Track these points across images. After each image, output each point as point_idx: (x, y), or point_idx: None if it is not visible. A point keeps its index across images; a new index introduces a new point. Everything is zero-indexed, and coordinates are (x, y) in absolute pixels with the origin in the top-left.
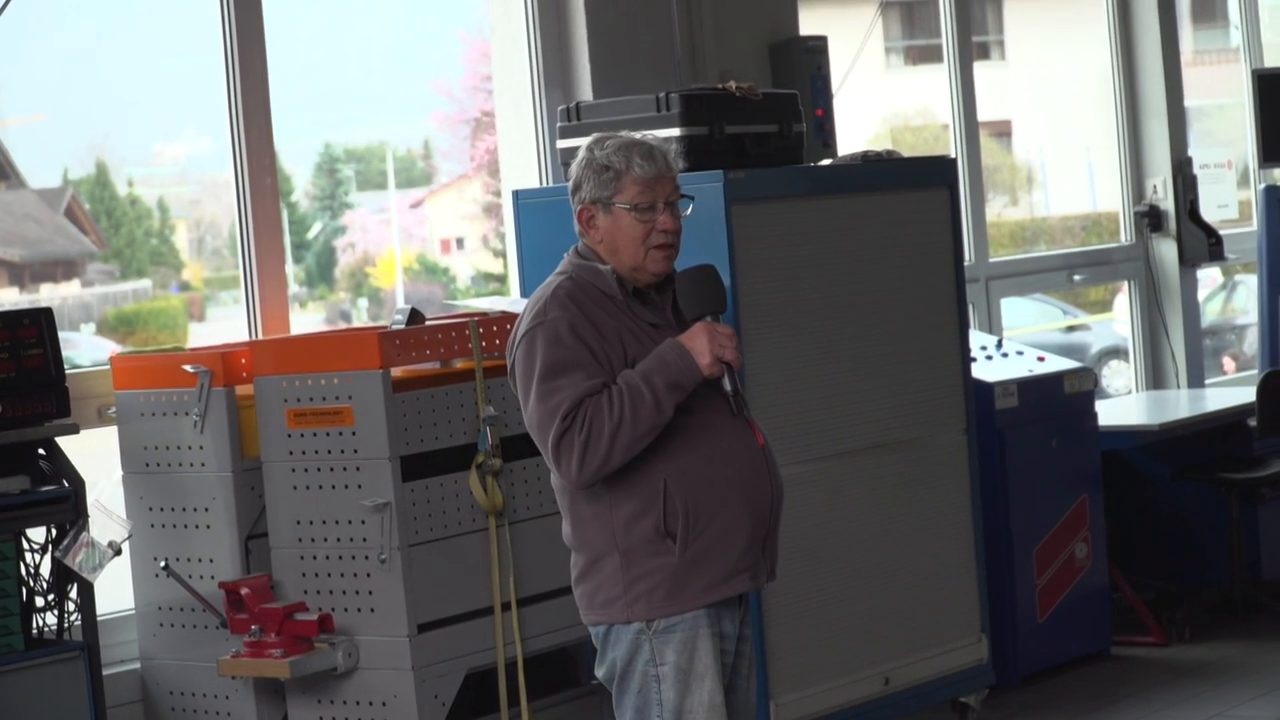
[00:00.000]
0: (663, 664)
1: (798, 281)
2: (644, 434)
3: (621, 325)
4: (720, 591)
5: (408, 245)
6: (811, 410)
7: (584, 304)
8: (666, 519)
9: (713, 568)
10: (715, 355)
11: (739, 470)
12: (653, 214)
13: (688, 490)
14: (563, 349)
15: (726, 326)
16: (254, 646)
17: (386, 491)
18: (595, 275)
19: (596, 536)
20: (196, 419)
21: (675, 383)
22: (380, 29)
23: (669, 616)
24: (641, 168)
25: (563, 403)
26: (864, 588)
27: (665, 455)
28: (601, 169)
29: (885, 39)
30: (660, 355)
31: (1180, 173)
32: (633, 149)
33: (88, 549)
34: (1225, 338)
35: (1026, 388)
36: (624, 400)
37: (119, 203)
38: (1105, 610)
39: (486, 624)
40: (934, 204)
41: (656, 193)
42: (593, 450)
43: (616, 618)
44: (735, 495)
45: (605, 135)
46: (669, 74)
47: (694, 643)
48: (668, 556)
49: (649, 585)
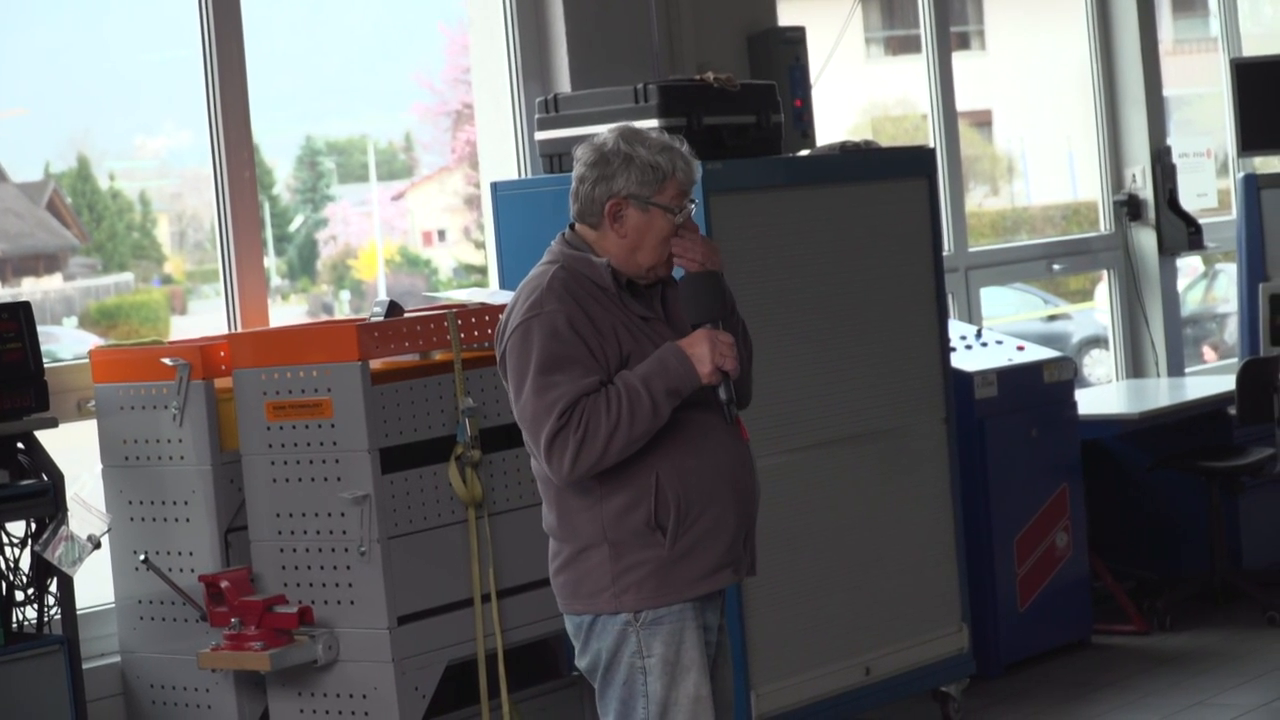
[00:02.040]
0: (649, 656)
1: (776, 272)
2: (639, 436)
3: (615, 319)
4: (707, 584)
5: (389, 237)
6: (790, 401)
7: (579, 296)
8: (658, 512)
9: (701, 561)
10: (716, 364)
11: (728, 465)
12: (679, 217)
13: (679, 484)
14: (560, 343)
15: (728, 335)
16: (234, 639)
17: (366, 484)
18: (588, 266)
19: (586, 527)
20: (175, 412)
21: (674, 388)
22: (360, 21)
23: (657, 608)
24: (684, 172)
25: (560, 399)
26: (844, 578)
27: (658, 449)
28: (648, 167)
29: (865, 29)
30: (661, 359)
31: (1159, 162)
32: (674, 153)
33: (67, 543)
34: (1206, 326)
35: (1006, 377)
36: (622, 402)
37: (101, 196)
38: (1086, 599)
39: (466, 616)
40: (913, 194)
41: (686, 197)
42: (588, 449)
43: (604, 608)
44: (724, 490)
45: (632, 130)
46: (647, 65)
47: (681, 635)
48: (657, 549)
49: (638, 577)
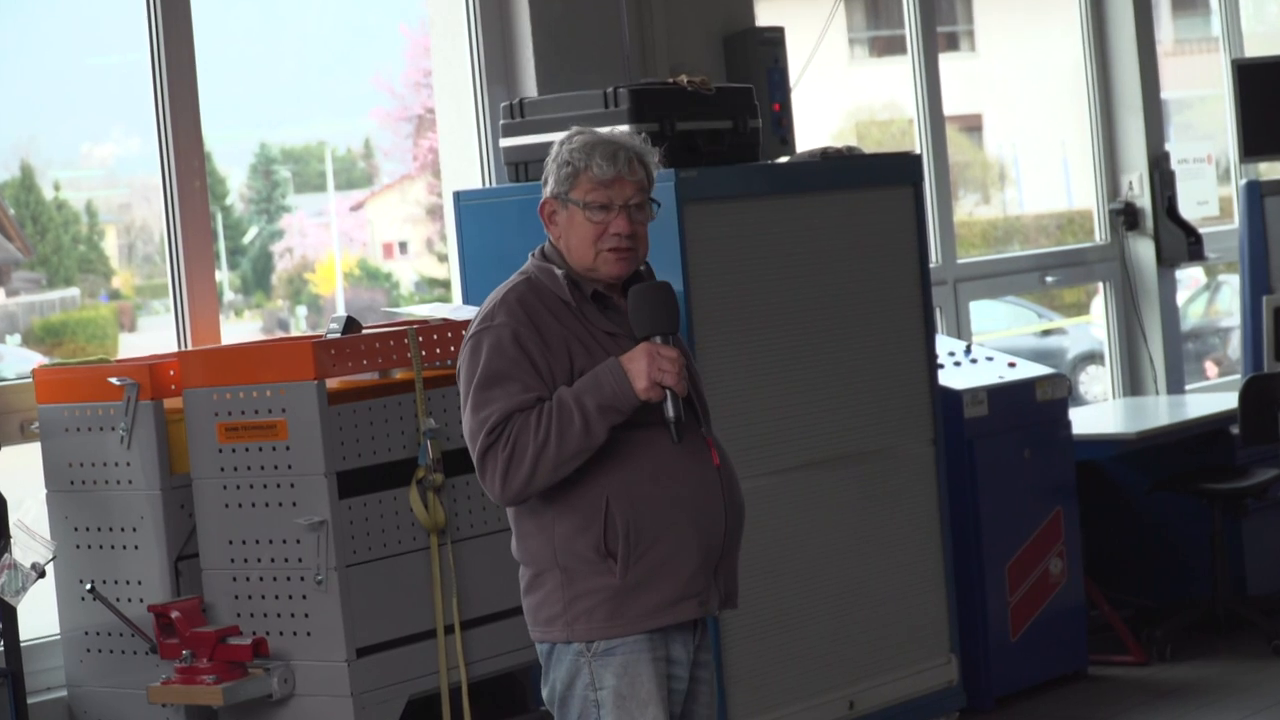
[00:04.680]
0: (601, 688)
1: (754, 285)
2: (571, 456)
3: (570, 333)
4: (665, 617)
5: (348, 250)
6: (769, 421)
7: (534, 309)
8: (607, 538)
9: (657, 591)
10: (653, 379)
11: (688, 490)
12: (607, 215)
13: (630, 509)
14: (502, 358)
15: (672, 350)
16: (185, 673)
17: (323, 509)
18: (550, 278)
19: (539, 551)
20: (123, 434)
21: (608, 405)
22: (317, 22)
23: (609, 639)
24: (600, 168)
25: (490, 415)
26: (827, 606)
27: (608, 471)
28: (563, 164)
29: (849, 30)
30: (596, 375)
31: (1157, 168)
32: (596, 147)
33: (9, 571)
34: (1209, 341)
35: (997, 395)
36: (551, 420)
37: (45, 207)
38: (1081, 628)
39: (429, 648)
40: (898, 203)
41: (613, 194)
42: (515, 469)
43: (558, 637)
44: (682, 516)
45: (580, 130)
46: (617, 68)
47: (636, 667)
48: (609, 577)
49: (589, 604)
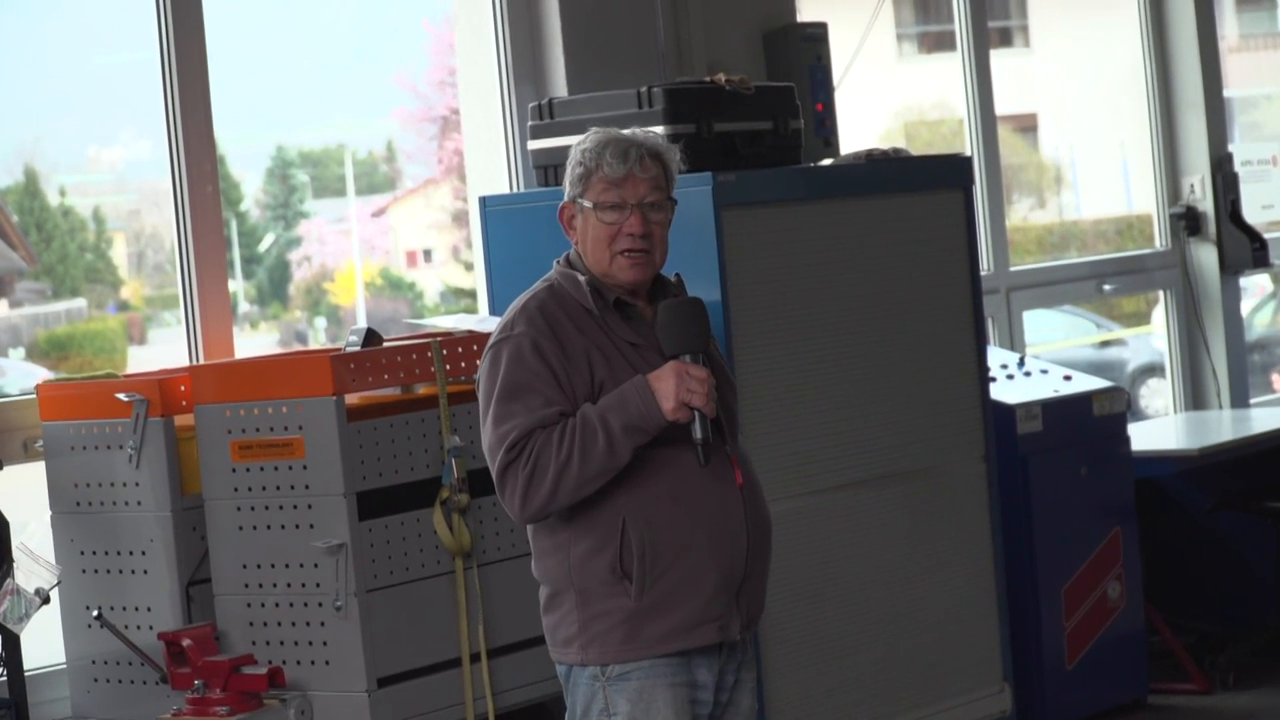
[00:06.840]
0: (614, 714)
1: (795, 294)
2: (594, 476)
3: (591, 342)
4: (681, 641)
5: (369, 258)
6: (811, 438)
7: (555, 318)
8: (623, 559)
9: (674, 614)
10: (681, 400)
11: (709, 511)
12: (620, 215)
13: (647, 529)
14: (522, 369)
15: (701, 370)
16: (197, 704)
17: (342, 531)
18: (574, 285)
19: (556, 570)
20: (132, 453)
21: (634, 425)
22: (336, 17)
23: (624, 663)
24: (610, 166)
25: (511, 431)
26: (873, 633)
27: (626, 490)
28: (575, 165)
29: (896, 25)
30: (623, 394)
31: (1220, 170)
32: (607, 146)
33: (12, 597)
34: (1274, 352)
35: (1052, 410)
36: (575, 438)
37: (50, 214)
38: (1141, 655)
39: (454, 677)
40: (947, 207)
41: (625, 193)
42: (535, 487)
43: (574, 659)
44: (702, 538)
45: (596, 130)
46: (651, 66)
47: (651, 693)
48: (624, 599)
49: (604, 627)
